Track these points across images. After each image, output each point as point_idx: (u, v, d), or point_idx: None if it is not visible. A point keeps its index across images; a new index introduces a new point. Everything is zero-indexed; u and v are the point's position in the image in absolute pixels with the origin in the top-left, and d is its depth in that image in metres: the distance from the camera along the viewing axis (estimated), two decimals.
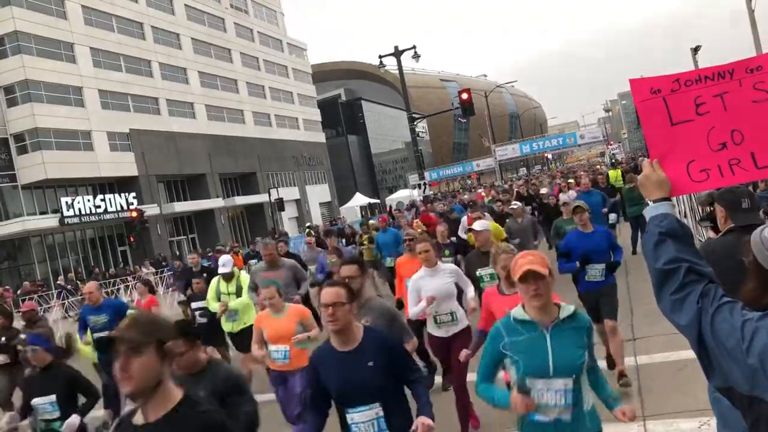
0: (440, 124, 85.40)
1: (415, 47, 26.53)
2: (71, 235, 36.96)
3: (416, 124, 26.98)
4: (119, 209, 36.83)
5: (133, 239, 36.43)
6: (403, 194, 45.14)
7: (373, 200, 53.87)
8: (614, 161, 34.59)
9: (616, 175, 17.90)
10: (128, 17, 41.93)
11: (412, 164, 55.46)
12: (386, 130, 78.86)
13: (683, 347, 5.57)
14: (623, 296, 9.35)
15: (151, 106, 42.53)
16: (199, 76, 47.60)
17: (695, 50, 31.87)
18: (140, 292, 9.60)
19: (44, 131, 34.21)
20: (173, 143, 43.04)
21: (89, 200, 35.73)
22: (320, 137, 64.72)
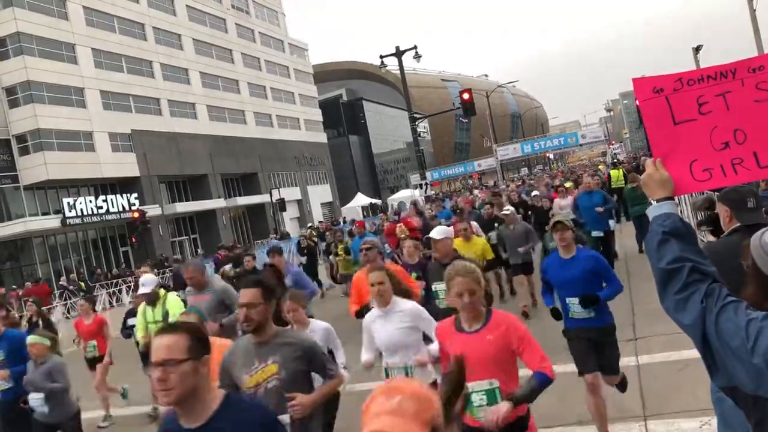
0: (442, 124, 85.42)
1: (416, 47, 26.51)
2: (73, 235, 36.99)
3: (417, 124, 26.94)
4: (121, 210, 36.88)
5: (134, 240, 36.47)
6: (404, 194, 45.15)
7: (374, 200, 53.87)
8: (615, 161, 34.47)
9: (617, 175, 17.75)
10: (130, 18, 41.97)
11: (413, 164, 55.40)
12: (387, 130, 78.88)
13: (684, 347, 5.58)
14: (624, 295, 9.37)
15: (152, 106, 42.57)
16: (200, 76, 47.64)
17: (697, 49, 31.86)
18: (83, 310, 8.04)
19: (46, 132, 34.25)
20: (175, 144, 43.07)
21: (91, 201, 35.77)
22: (322, 137, 64.76)
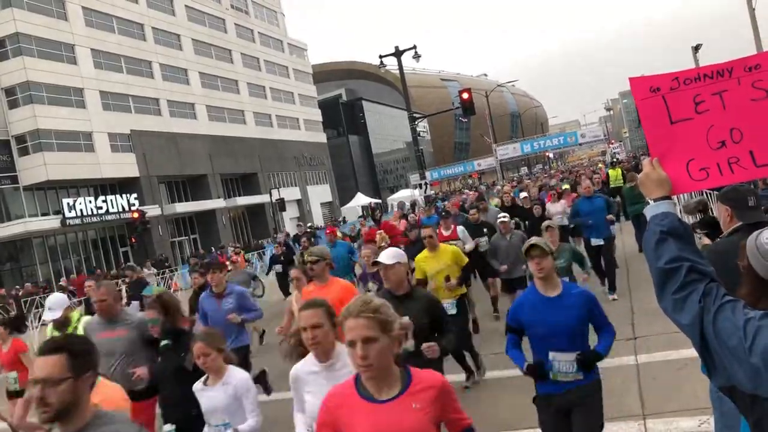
0: (441, 123, 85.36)
1: (415, 47, 26.47)
2: (73, 236, 36.99)
3: (417, 123, 26.91)
4: (120, 210, 36.87)
5: (134, 240, 36.45)
6: (404, 194, 45.14)
7: (374, 200, 53.85)
8: (615, 160, 34.47)
9: (616, 174, 17.80)
10: (129, 18, 41.96)
11: (413, 164, 55.41)
12: (387, 129, 78.86)
13: (683, 346, 5.58)
14: (623, 295, 9.37)
15: (152, 107, 42.56)
16: (199, 76, 47.63)
17: (696, 49, 31.87)
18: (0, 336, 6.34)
19: (45, 133, 34.25)
20: (174, 144, 43.06)
21: (91, 201, 35.76)
22: (321, 137, 64.76)
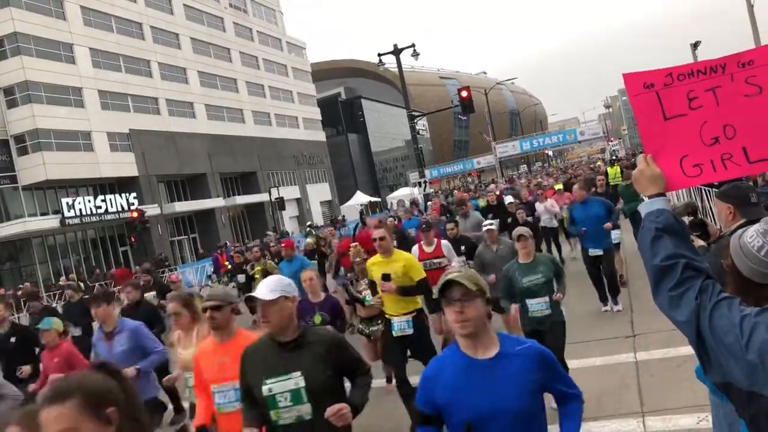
0: (440, 121, 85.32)
1: (414, 45, 26.45)
2: (72, 235, 36.98)
3: (416, 121, 26.87)
4: (120, 209, 36.85)
5: (134, 239, 36.43)
6: (404, 192, 45.17)
7: (374, 198, 53.85)
8: (613, 158, 34.44)
9: (615, 172, 17.82)
10: (127, 17, 41.90)
11: (412, 162, 55.41)
12: (386, 128, 78.83)
13: (682, 343, 5.57)
14: (622, 292, 9.35)
15: (150, 106, 42.52)
16: (198, 75, 47.59)
17: (695, 46, 31.83)
18: None
19: (44, 132, 34.22)
20: (173, 143, 43.04)
21: (90, 201, 35.74)
22: (320, 136, 64.73)
